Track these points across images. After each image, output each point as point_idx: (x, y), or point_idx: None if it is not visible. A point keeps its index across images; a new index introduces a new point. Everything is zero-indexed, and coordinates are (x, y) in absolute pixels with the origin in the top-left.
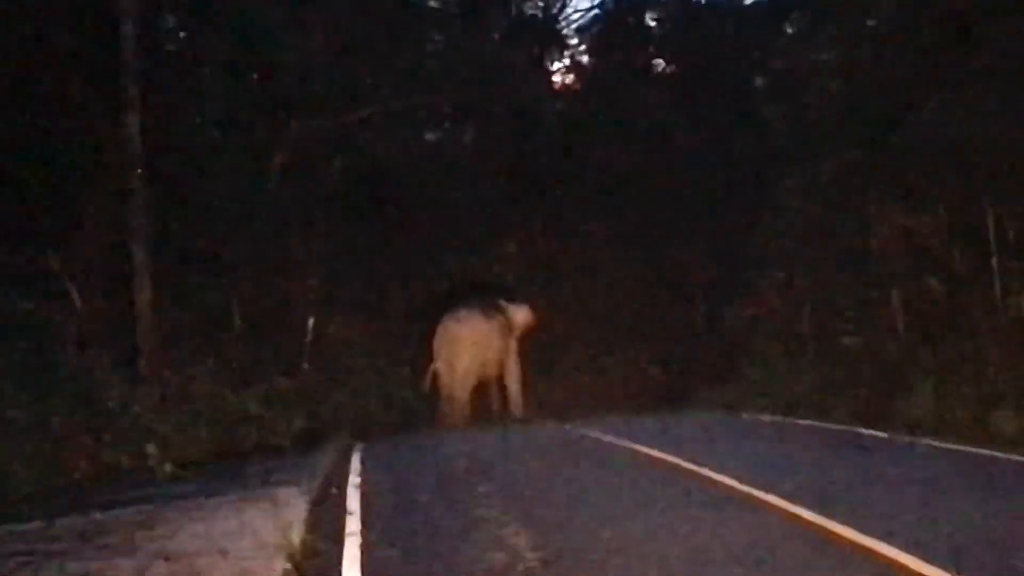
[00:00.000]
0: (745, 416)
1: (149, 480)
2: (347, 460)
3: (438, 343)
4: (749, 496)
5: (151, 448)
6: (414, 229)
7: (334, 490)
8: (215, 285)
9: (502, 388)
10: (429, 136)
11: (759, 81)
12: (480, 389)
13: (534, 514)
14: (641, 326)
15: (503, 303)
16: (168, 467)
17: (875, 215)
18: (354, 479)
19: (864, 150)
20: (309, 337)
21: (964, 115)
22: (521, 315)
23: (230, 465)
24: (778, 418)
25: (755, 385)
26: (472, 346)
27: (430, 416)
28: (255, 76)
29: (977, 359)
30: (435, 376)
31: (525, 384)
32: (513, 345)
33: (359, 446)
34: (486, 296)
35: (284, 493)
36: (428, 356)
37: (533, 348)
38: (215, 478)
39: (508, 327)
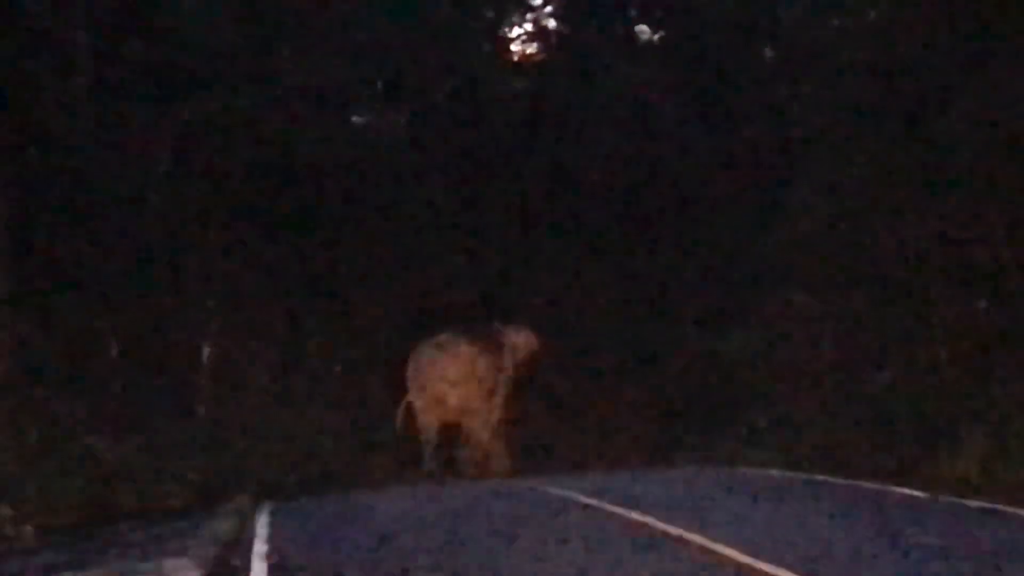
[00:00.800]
0: (748, 471)
1: (3, 549)
2: (252, 524)
3: (413, 374)
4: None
5: (5, 509)
6: (336, 238)
7: (235, 562)
8: (88, 307)
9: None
10: (355, 119)
11: (768, 54)
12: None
13: None
14: (621, 358)
15: (497, 325)
16: (28, 532)
17: (912, 221)
18: (260, 548)
19: (900, 141)
20: (205, 372)
21: (1019, 100)
22: (521, 339)
23: (106, 530)
24: (789, 474)
25: (760, 433)
26: (456, 380)
27: (356, 471)
28: (137, 46)
29: None
30: (409, 413)
31: (511, 425)
32: (503, 379)
33: (267, 507)
34: (474, 317)
35: (172, 566)
36: (399, 389)
37: None
38: (87, 546)
39: (501, 355)
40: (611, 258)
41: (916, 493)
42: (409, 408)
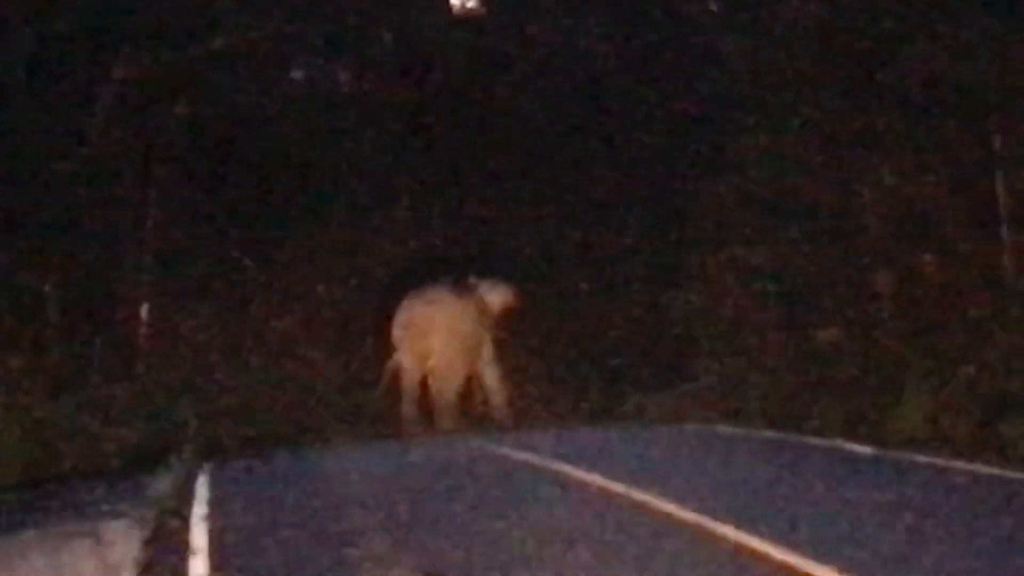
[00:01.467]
0: (694, 428)
1: None
2: (192, 485)
3: (401, 331)
4: (704, 528)
5: None
6: (277, 193)
7: (175, 523)
8: (24, 264)
9: (477, 386)
10: (295, 74)
11: (713, 5)
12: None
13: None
14: (565, 317)
15: (474, 280)
16: None
17: (858, 176)
18: (201, 509)
19: (846, 93)
20: (145, 331)
21: (975, 50)
22: (498, 295)
23: (43, 491)
24: (738, 430)
25: (707, 390)
26: (448, 333)
27: (300, 430)
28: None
29: (983, 355)
30: (396, 373)
31: (507, 380)
32: (487, 333)
33: (208, 468)
34: (453, 272)
35: (111, 527)
36: (382, 347)
37: None
38: (23, 508)
39: (483, 310)
40: (554, 213)
41: (864, 448)
42: (397, 369)
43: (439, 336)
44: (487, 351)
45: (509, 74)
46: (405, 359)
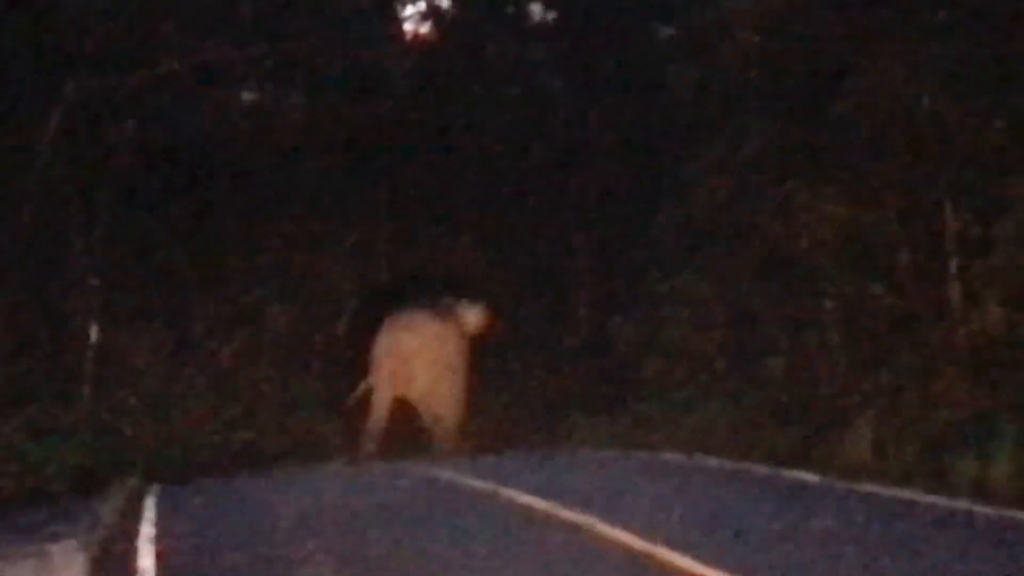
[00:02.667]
0: (640, 455)
1: None
2: (139, 508)
3: (383, 356)
4: (649, 555)
5: None
6: (226, 218)
7: (121, 547)
8: None
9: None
10: (246, 97)
11: (662, 34)
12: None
13: None
14: (509, 344)
15: (450, 300)
16: None
17: (805, 204)
18: (147, 531)
19: (793, 122)
20: (91, 353)
21: (919, 81)
22: (472, 317)
23: None
24: (682, 458)
25: (651, 418)
26: (433, 359)
27: (246, 455)
28: (19, 18)
29: (929, 385)
30: (367, 395)
31: (466, 406)
32: (460, 358)
33: (154, 491)
34: (428, 290)
35: (57, 549)
36: (358, 368)
37: None
38: None
39: (460, 332)
40: (503, 239)
41: (809, 476)
42: (369, 390)
43: (423, 362)
44: (457, 378)
45: (460, 100)
46: (383, 383)
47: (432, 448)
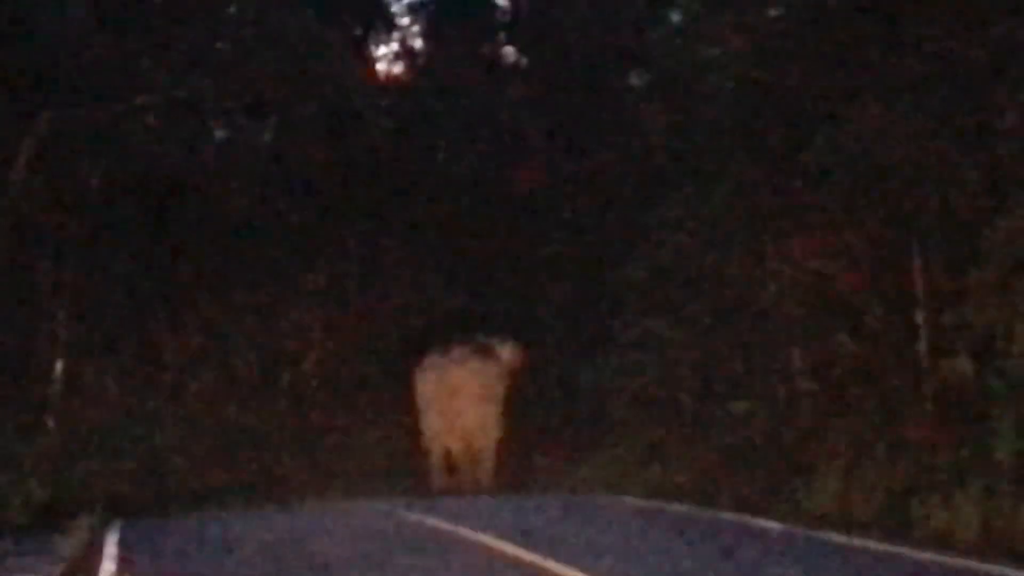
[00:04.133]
0: (605, 499)
1: None
2: (100, 543)
3: (429, 390)
4: None
5: None
6: (195, 252)
7: None
8: None
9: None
10: (218, 133)
11: (635, 80)
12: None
13: None
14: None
15: (487, 338)
16: None
17: (775, 253)
18: (108, 567)
19: (764, 170)
20: (57, 387)
21: (889, 132)
22: (508, 353)
23: None
24: (648, 504)
25: (619, 461)
26: (481, 394)
27: (211, 490)
28: None
29: (896, 435)
30: (426, 436)
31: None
32: (502, 392)
33: (117, 525)
34: (463, 327)
35: None
36: (407, 407)
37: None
38: None
39: (501, 370)
40: (473, 281)
41: (774, 525)
42: (426, 433)
43: (471, 396)
44: (495, 415)
45: (433, 141)
46: (434, 418)
47: (474, 480)
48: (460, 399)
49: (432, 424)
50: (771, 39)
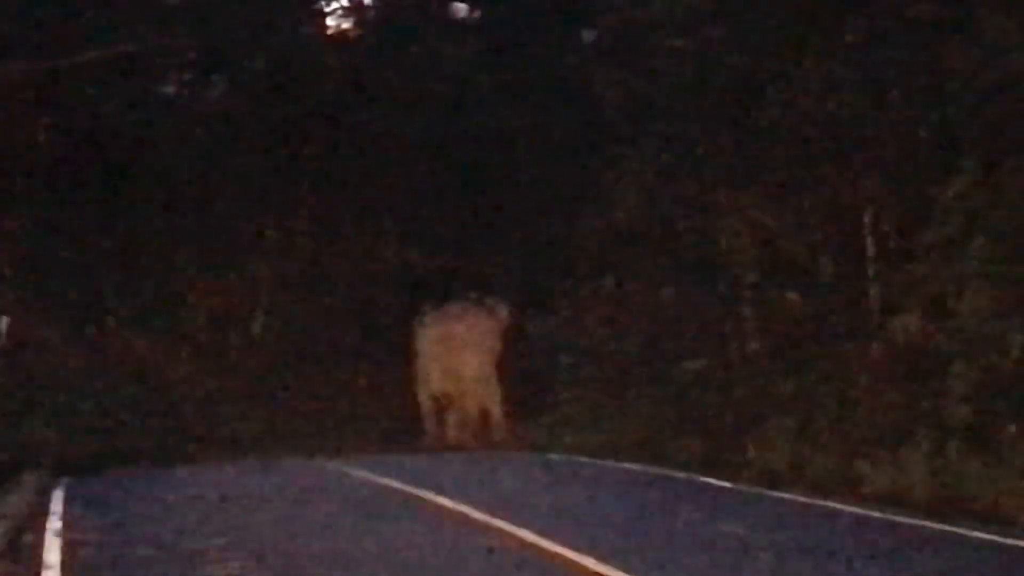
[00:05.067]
0: (555, 458)
1: None
2: (46, 501)
3: (432, 346)
4: (552, 555)
5: None
6: (143, 208)
7: (29, 539)
8: None
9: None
10: (166, 90)
11: (587, 36)
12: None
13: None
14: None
15: (486, 297)
16: None
17: (726, 210)
18: (54, 525)
19: (715, 128)
20: (3, 344)
21: (840, 90)
22: (505, 313)
23: None
24: (598, 461)
25: (570, 419)
26: (478, 348)
27: (156, 447)
28: None
29: (846, 393)
30: (424, 385)
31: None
32: (503, 351)
33: (63, 483)
34: (460, 285)
35: None
36: (406, 361)
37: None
38: None
39: (500, 327)
40: (423, 236)
41: (723, 483)
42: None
43: (473, 351)
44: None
45: (383, 97)
46: (434, 373)
47: (487, 435)
48: (462, 353)
49: (434, 376)
50: None
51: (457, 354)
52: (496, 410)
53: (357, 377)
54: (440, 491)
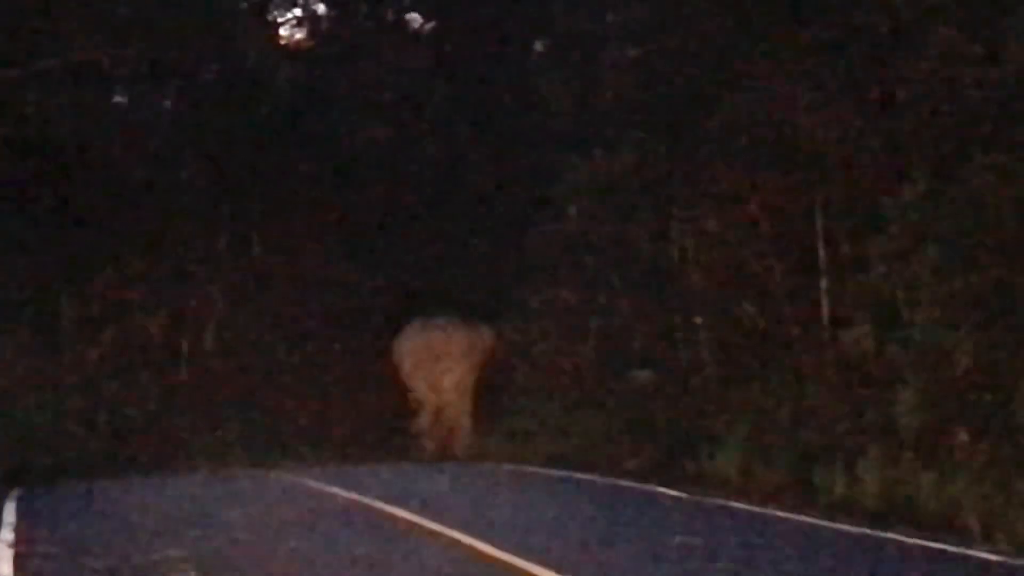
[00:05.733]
0: (509, 468)
1: None
2: None
3: (414, 357)
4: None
5: None
6: (94, 219)
7: None
8: None
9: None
10: (118, 99)
11: (539, 46)
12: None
13: None
14: (381, 353)
15: (459, 321)
16: None
17: (678, 219)
18: (6, 536)
19: (667, 138)
20: None
21: (793, 100)
22: (485, 335)
23: None
24: (550, 471)
25: (523, 429)
26: (462, 360)
27: (110, 458)
28: None
29: (798, 403)
30: (410, 395)
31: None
32: (477, 367)
33: (15, 494)
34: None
35: None
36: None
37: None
38: None
39: (482, 344)
40: (376, 248)
41: (676, 493)
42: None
43: (452, 363)
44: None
45: (334, 106)
46: (417, 384)
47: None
48: (441, 363)
49: (419, 386)
50: (674, 7)
51: (437, 367)
52: (467, 423)
53: (310, 389)
54: (391, 502)
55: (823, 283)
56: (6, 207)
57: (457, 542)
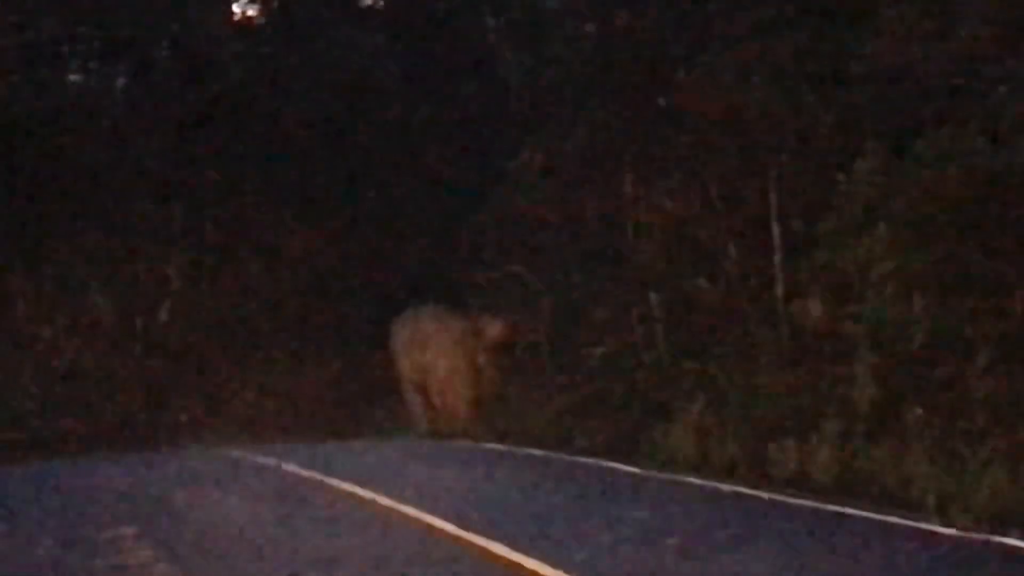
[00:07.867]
0: (463, 444)
1: None
2: None
3: (406, 344)
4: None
5: None
6: (48, 196)
7: None
8: None
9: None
10: (72, 78)
11: (492, 23)
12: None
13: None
14: (332, 328)
15: (471, 312)
16: None
17: (632, 196)
18: None
19: (621, 115)
20: None
21: (747, 77)
22: (494, 326)
23: None
24: (505, 448)
25: (478, 408)
26: (451, 346)
27: (59, 436)
28: None
29: (752, 379)
30: (404, 382)
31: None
32: (478, 356)
33: None
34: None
35: None
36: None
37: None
38: None
39: (478, 335)
40: (327, 224)
41: (630, 468)
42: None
43: (440, 351)
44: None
45: (286, 83)
46: (406, 371)
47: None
48: (428, 351)
49: (407, 372)
50: None
51: (423, 352)
52: (460, 405)
53: (267, 365)
54: (341, 477)
55: (776, 258)
56: None
57: (397, 511)
